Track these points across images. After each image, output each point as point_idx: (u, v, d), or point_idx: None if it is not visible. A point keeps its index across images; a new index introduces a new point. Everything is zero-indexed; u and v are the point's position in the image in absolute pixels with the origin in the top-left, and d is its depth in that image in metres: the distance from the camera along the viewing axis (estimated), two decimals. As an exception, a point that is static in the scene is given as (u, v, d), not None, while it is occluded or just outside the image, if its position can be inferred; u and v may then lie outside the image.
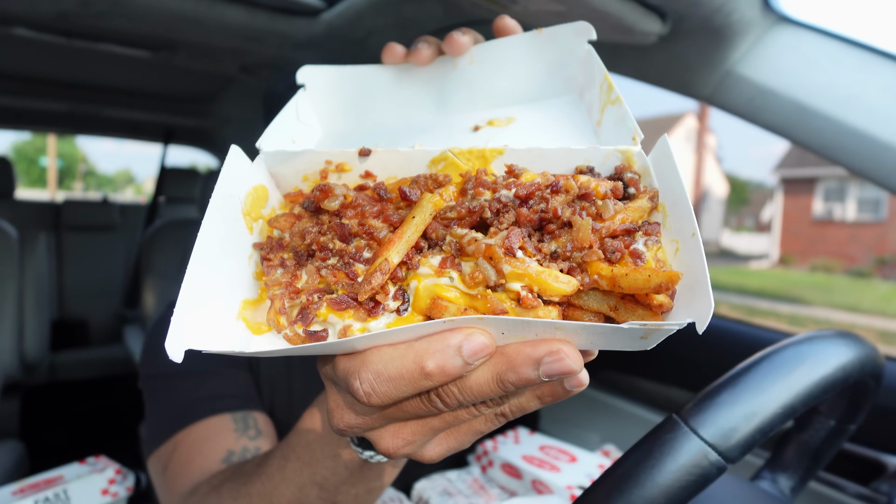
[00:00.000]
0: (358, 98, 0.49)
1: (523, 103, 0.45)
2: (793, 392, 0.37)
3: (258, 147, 0.40)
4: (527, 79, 0.46)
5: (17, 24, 1.19)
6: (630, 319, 0.29)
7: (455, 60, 0.48)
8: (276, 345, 0.33)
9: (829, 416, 0.55)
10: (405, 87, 0.48)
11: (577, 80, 0.44)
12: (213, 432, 0.64)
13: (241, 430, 0.65)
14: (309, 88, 0.51)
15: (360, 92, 0.49)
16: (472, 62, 0.48)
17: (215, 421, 0.65)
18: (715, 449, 0.34)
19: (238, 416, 0.66)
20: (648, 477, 0.34)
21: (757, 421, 0.36)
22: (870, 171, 0.72)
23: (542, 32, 0.45)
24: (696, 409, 0.36)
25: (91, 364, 2.59)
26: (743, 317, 1.30)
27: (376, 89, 0.49)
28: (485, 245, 0.29)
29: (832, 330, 0.43)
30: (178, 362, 0.50)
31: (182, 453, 0.63)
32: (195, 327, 0.32)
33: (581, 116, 0.42)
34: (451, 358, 0.28)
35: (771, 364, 0.39)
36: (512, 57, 0.47)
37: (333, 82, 0.50)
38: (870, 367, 0.43)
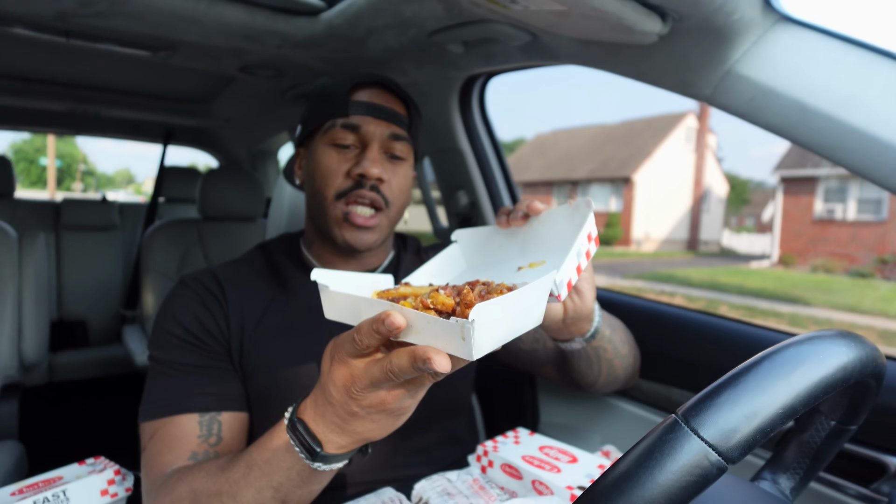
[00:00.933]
0: (481, 246, 0.73)
1: (555, 252, 0.63)
2: (794, 392, 0.37)
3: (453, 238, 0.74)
4: (561, 234, 0.64)
5: (16, 24, 1.19)
6: None
7: (531, 220, 0.68)
8: None
9: (830, 417, 0.55)
10: (503, 239, 0.71)
11: None
12: (181, 433, 0.73)
13: (203, 436, 0.73)
14: (459, 242, 0.74)
15: (483, 243, 0.73)
16: (538, 223, 0.68)
17: (185, 421, 0.73)
18: (715, 449, 0.34)
19: (205, 420, 0.75)
20: (649, 477, 0.34)
21: (758, 421, 0.35)
22: (871, 172, 0.72)
23: (573, 204, 0.64)
24: (696, 410, 0.36)
25: (90, 364, 2.59)
26: (743, 317, 1.31)
27: (491, 241, 0.72)
28: None
29: (833, 330, 0.43)
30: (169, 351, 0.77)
31: (157, 443, 0.73)
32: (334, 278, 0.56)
33: None
34: None
35: (772, 364, 0.39)
36: (555, 219, 0.66)
37: (471, 238, 0.73)
38: (871, 368, 0.43)
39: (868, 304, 10.42)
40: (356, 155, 0.84)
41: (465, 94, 1.45)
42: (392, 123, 0.84)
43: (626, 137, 22.59)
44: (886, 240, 14.55)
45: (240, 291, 0.86)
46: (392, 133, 0.84)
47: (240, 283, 0.87)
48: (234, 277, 0.88)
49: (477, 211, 1.55)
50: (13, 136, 29.68)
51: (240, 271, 0.90)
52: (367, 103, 0.84)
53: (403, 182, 0.87)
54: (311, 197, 0.87)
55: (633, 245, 20.70)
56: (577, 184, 22.46)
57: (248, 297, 0.86)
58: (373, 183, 0.82)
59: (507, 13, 0.87)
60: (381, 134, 0.84)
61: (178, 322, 0.80)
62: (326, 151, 0.84)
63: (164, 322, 0.81)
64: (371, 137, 0.83)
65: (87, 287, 2.85)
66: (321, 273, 0.56)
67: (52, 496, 0.66)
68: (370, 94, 0.85)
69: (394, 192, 0.85)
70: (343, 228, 0.83)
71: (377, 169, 0.81)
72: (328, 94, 0.85)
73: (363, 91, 0.86)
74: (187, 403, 0.74)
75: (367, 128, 0.83)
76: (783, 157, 16.91)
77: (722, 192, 24.19)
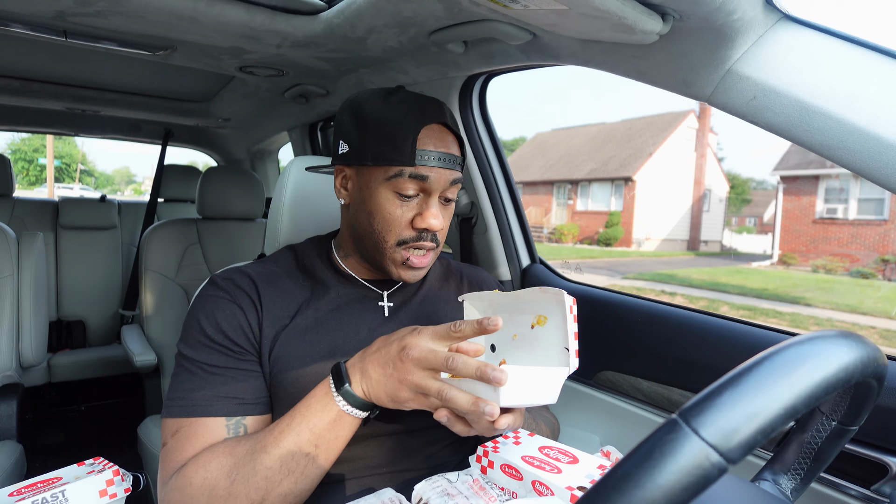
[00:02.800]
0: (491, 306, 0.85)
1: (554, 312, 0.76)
2: (795, 392, 0.37)
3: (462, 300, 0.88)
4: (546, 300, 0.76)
5: (14, 23, 1.19)
6: None
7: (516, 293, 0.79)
8: None
9: (831, 417, 0.55)
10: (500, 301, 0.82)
11: None
12: (208, 432, 0.76)
13: (232, 437, 0.77)
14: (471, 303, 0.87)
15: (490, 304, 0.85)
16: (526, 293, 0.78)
17: (212, 423, 0.76)
18: (716, 450, 0.34)
19: (231, 424, 0.77)
20: (649, 478, 0.34)
21: (758, 421, 0.35)
22: (872, 172, 0.72)
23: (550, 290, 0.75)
24: (697, 410, 0.36)
25: (89, 365, 2.59)
26: (745, 317, 1.30)
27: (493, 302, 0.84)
28: None
29: (834, 330, 0.43)
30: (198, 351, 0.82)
31: (180, 440, 0.75)
32: None
33: None
34: None
35: (773, 364, 0.38)
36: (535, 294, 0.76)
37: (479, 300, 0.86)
38: (872, 368, 0.43)
39: (869, 305, 10.42)
40: (418, 203, 0.85)
41: (465, 93, 1.44)
42: (454, 170, 0.85)
43: (626, 137, 22.58)
44: (888, 239, 14.54)
45: (273, 291, 0.87)
46: (453, 179, 0.85)
47: (272, 283, 0.89)
48: (267, 276, 0.89)
49: (477, 211, 1.55)
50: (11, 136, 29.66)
51: (272, 271, 0.91)
52: (436, 153, 0.82)
53: (450, 219, 0.91)
54: (368, 234, 0.87)
55: (633, 245, 20.70)
56: (577, 183, 22.46)
57: (282, 297, 0.87)
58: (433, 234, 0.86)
59: (507, 12, 0.87)
60: (444, 182, 0.84)
61: (209, 322, 0.81)
62: (389, 197, 0.83)
63: (195, 321, 0.83)
64: (436, 188, 0.84)
65: (86, 287, 2.85)
66: None
67: (50, 497, 0.66)
68: (436, 138, 0.83)
69: (444, 232, 0.89)
70: (400, 269, 0.87)
71: (439, 221, 0.84)
72: (392, 135, 0.81)
73: (429, 136, 0.82)
74: (213, 407, 0.77)
75: (435, 177, 0.83)
76: (783, 156, 16.90)
77: (723, 192, 24.19)
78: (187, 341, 0.82)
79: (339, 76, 1.52)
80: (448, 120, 0.85)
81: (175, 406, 0.77)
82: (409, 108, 0.83)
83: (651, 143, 21.30)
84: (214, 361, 0.80)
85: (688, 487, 0.33)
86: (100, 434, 2.62)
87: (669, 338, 1.14)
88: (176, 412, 0.77)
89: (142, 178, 48.57)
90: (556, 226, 22.56)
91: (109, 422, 2.70)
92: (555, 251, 19.22)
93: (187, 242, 2.15)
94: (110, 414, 2.73)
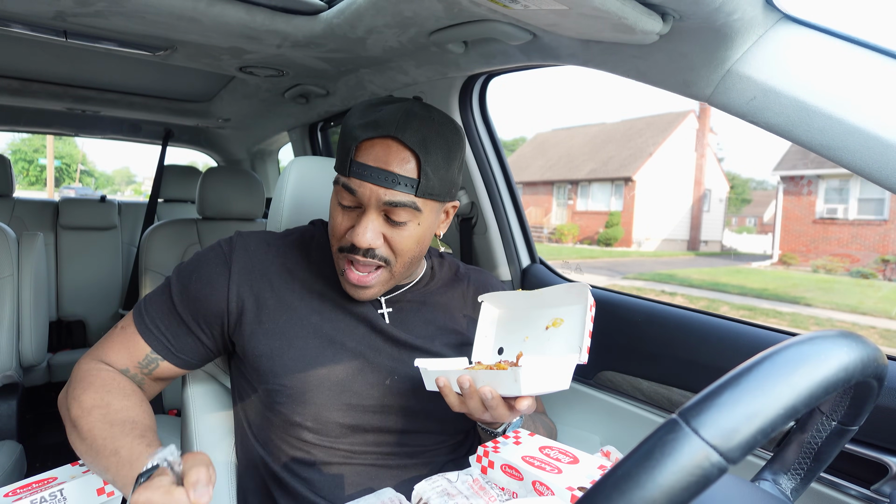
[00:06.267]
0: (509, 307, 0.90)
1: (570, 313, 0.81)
2: (795, 392, 0.37)
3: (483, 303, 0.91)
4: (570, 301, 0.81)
5: (14, 23, 1.19)
6: None
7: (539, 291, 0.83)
8: None
9: (832, 417, 0.55)
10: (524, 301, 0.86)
11: None
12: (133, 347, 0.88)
13: (142, 365, 0.88)
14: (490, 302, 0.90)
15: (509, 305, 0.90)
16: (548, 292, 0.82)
17: (142, 345, 0.87)
18: (716, 450, 0.34)
19: (151, 356, 0.88)
20: (649, 478, 0.34)
21: (758, 421, 0.35)
22: (872, 172, 0.71)
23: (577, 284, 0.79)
24: (697, 410, 0.36)
25: None
26: (745, 317, 1.30)
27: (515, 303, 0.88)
28: None
29: (834, 330, 0.43)
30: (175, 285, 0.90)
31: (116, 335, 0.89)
32: None
33: None
34: None
35: (773, 364, 0.38)
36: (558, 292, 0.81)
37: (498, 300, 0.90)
38: (872, 368, 0.43)
39: (869, 305, 10.41)
40: (358, 215, 0.82)
41: (465, 93, 1.44)
42: (391, 189, 0.78)
43: (626, 137, 22.57)
44: (888, 239, 14.53)
45: (281, 271, 0.91)
46: (389, 201, 0.78)
47: (285, 265, 0.92)
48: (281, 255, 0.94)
49: (477, 211, 1.54)
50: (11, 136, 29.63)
51: (290, 247, 0.95)
52: (370, 168, 0.78)
53: (410, 241, 0.83)
54: None
55: (633, 245, 20.70)
56: (577, 183, 22.46)
57: (288, 274, 0.91)
58: (367, 250, 0.81)
59: (507, 12, 0.87)
60: (375, 200, 0.79)
61: (197, 274, 0.89)
62: (334, 204, 0.85)
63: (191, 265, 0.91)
64: (367, 203, 0.79)
65: (86, 287, 2.85)
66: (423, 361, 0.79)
67: (49, 496, 0.66)
68: (376, 152, 0.78)
69: (397, 249, 0.83)
70: (343, 280, 0.86)
71: (367, 239, 0.79)
72: (344, 143, 0.82)
73: (371, 150, 0.78)
74: (151, 334, 0.87)
75: (363, 192, 0.79)
76: (783, 156, 16.90)
77: (723, 192, 24.18)
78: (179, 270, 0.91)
79: (339, 76, 1.52)
80: (402, 135, 0.77)
81: (140, 313, 0.89)
82: (371, 117, 0.80)
83: (651, 143, 21.29)
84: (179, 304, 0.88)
85: (688, 487, 0.33)
86: None
87: (669, 338, 1.14)
88: (136, 317, 0.89)
89: (142, 179, 48.54)
90: (556, 226, 22.55)
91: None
92: (555, 251, 19.22)
93: (187, 242, 2.15)
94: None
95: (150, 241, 2.10)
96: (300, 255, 0.94)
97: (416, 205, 0.80)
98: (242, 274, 0.89)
